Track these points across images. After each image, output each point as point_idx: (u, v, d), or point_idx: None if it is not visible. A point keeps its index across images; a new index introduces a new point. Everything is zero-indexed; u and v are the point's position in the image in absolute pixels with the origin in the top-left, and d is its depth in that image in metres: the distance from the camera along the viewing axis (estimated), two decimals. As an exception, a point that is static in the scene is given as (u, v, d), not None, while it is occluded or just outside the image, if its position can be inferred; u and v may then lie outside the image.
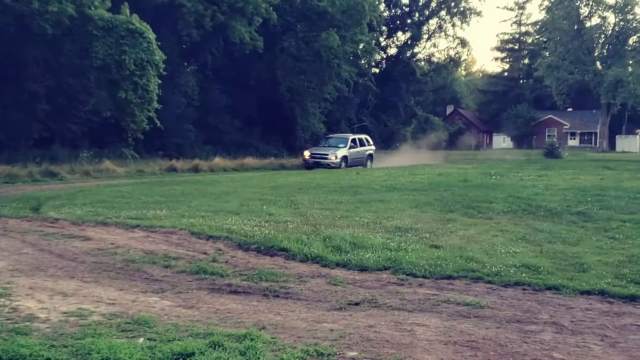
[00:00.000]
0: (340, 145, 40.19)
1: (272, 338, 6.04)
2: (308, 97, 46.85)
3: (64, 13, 28.27)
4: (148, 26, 30.99)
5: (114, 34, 29.68)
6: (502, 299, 7.84)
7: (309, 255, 9.98)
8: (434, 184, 21.90)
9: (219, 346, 5.64)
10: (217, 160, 36.51)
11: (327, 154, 39.04)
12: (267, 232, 11.61)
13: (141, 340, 5.85)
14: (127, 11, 30.56)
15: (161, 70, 31.06)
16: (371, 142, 43.79)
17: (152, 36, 30.68)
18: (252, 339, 5.86)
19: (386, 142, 59.44)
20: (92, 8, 29.85)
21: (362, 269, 9.36)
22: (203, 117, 41.67)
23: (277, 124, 47.27)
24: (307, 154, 40.00)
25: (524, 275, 8.78)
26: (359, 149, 41.50)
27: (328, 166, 37.83)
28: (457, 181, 23.21)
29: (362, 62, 56.41)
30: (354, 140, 41.49)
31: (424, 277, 8.87)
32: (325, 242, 10.75)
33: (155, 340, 5.89)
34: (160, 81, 31.52)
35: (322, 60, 44.77)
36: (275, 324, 6.64)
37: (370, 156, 42.79)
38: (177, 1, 36.93)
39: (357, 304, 7.60)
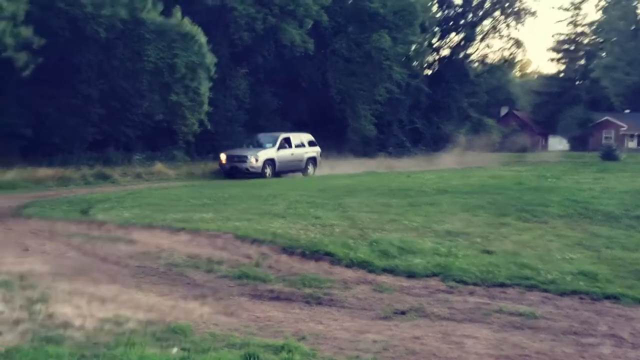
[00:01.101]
0: (267, 145, 31.85)
1: (311, 350, 5.77)
2: (359, 99, 46.43)
3: (117, 17, 28.52)
4: (199, 29, 31.08)
5: (165, 37, 29.85)
6: (558, 308, 7.42)
7: (355, 261, 9.69)
8: (486, 187, 21.32)
9: (254, 358, 5.39)
10: (267, 163, 36.38)
11: (246, 157, 30.63)
12: (312, 235, 11.34)
13: (174, 350, 5.64)
14: (179, 15, 30.70)
15: (212, 74, 31.11)
16: (315, 143, 35.19)
17: (203, 39, 30.74)
18: (289, 351, 5.60)
19: (438, 144, 58.64)
20: (145, 12, 30.03)
21: (410, 275, 9.03)
22: (254, 119, 41.63)
23: (328, 126, 46.93)
24: (223, 157, 31.40)
25: (581, 283, 8.33)
26: (294, 150, 32.92)
27: (247, 172, 30.08)
28: (510, 184, 22.56)
29: (414, 63, 55.80)
30: (286, 140, 32.77)
31: (474, 284, 8.50)
32: (372, 247, 10.44)
33: (189, 350, 5.68)
34: (211, 84, 31.57)
35: (373, 62, 44.38)
36: (316, 333, 6.37)
37: (313, 160, 34.55)
38: (228, 4, 36.99)
39: (403, 312, 7.28)
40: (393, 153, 50.45)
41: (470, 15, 68.66)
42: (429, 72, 64.77)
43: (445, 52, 69.23)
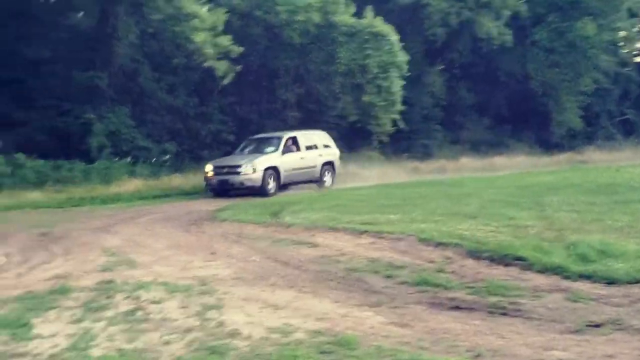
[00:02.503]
0: (268, 150, 24.25)
1: (485, 369, 5.19)
2: (563, 91, 43.99)
3: (310, 22, 29.04)
4: (391, 28, 30.87)
5: (357, 38, 29.96)
6: None
7: (548, 266, 8.82)
8: None
9: (419, 377, 4.92)
10: (464, 161, 35.41)
11: (239, 166, 22.88)
12: (503, 238, 10.56)
13: None
14: (371, 15, 30.67)
15: (404, 72, 30.76)
16: (331, 144, 26.67)
17: (395, 38, 30.48)
18: (460, 370, 5.06)
19: (653, 136, 54.27)
20: (337, 15, 30.34)
21: (610, 282, 8.05)
22: (450, 116, 40.82)
23: (530, 120, 44.99)
24: (209, 168, 23.32)
25: None
26: (304, 154, 24.93)
27: (242, 188, 22.72)
28: None
29: (623, 50, 52.00)
30: (293, 140, 24.89)
31: (686, 294, 7.41)
32: (569, 250, 9.47)
33: (350, 366, 5.31)
34: (404, 82, 31.25)
35: (577, 51, 41.84)
36: (494, 349, 5.75)
37: (330, 166, 26.00)
38: (422, 1, 36.52)
39: (597, 325, 6.44)
40: (602, 146, 47.37)
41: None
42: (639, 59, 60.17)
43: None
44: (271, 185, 22.96)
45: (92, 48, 26.98)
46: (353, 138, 34.31)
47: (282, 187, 23.51)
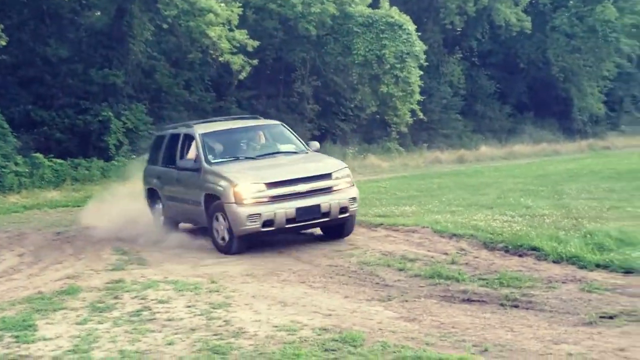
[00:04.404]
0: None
1: (489, 365, 5.05)
2: (584, 76, 43.50)
3: (326, 13, 28.83)
4: (408, 18, 30.60)
5: (373, 29, 29.71)
6: None
7: (564, 255, 8.63)
8: None
9: (421, 376, 4.79)
10: (484, 150, 35.09)
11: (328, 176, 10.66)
12: (518, 228, 10.37)
13: None
14: (387, 5, 30.42)
15: (422, 61, 30.47)
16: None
17: (411, 27, 30.20)
18: (464, 366, 4.93)
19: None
20: (353, 5, 30.12)
21: (627, 272, 7.84)
22: (470, 105, 40.50)
23: (551, 107, 44.52)
24: (256, 190, 10.18)
25: None
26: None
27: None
28: None
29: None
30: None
31: None
32: (586, 239, 9.25)
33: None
34: (422, 72, 30.97)
35: (598, 36, 41.19)
36: (502, 344, 5.60)
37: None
38: (438, -11, 36.28)
39: (611, 317, 6.26)
40: (626, 131, 46.78)
41: None
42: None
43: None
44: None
45: (108, 46, 26.98)
46: (372, 130, 34.15)
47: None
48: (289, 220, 10.13)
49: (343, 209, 10.47)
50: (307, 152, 11.89)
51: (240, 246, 10.31)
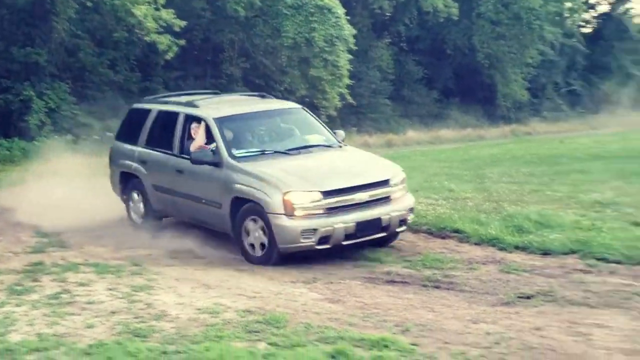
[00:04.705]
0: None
1: (410, 345, 5.13)
2: (508, 63, 44.30)
3: (255, -7, 28.62)
4: (337, 1, 30.59)
5: (302, 11, 29.58)
6: None
7: (485, 237, 8.90)
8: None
9: (342, 356, 4.82)
10: (411, 134, 35.43)
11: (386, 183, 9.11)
12: (442, 211, 10.58)
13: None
14: (317, -13, 30.35)
15: (351, 46, 30.55)
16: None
17: (340, 11, 30.21)
18: (385, 346, 5.00)
19: (598, 107, 55.11)
20: (282, -14, 29.96)
21: (545, 253, 8.15)
22: (398, 90, 40.85)
23: (476, 93, 45.32)
24: (311, 199, 8.47)
25: None
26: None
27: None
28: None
29: (569, 22, 52.54)
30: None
31: (617, 262, 7.51)
32: (506, 222, 9.53)
33: (277, 345, 5.20)
34: (351, 57, 31.07)
35: (523, 23, 42.09)
36: (422, 324, 5.71)
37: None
38: (368, -27, 36.38)
39: (529, 297, 6.48)
40: (548, 117, 48.01)
41: (630, -35, 63.87)
42: (585, 30, 60.95)
43: (603, 8, 64.88)
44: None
45: (31, 24, 26.06)
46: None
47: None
48: (347, 237, 8.38)
49: (402, 222, 8.91)
50: (340, 146, 9.94)
51: (282, 257, 8.43)
